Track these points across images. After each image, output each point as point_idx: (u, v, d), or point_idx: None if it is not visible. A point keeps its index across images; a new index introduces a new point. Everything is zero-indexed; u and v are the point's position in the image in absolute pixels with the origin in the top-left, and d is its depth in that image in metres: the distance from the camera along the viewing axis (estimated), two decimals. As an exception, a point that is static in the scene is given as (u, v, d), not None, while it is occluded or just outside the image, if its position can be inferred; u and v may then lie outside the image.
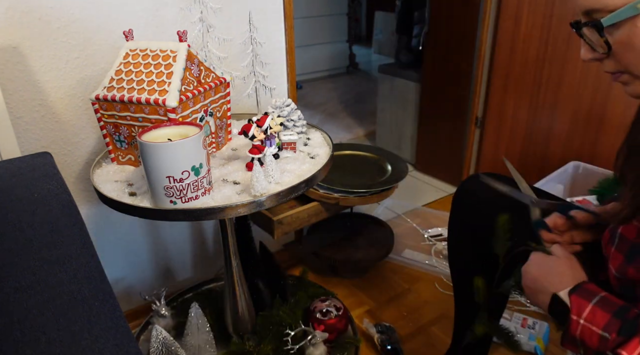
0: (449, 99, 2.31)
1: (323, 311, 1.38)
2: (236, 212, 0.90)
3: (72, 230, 0.69)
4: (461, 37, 2.16)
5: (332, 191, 1.51)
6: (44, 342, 0.52)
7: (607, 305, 0.66)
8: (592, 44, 0.66)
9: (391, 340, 1.42)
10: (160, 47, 1.03)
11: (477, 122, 2.22)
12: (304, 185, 0.99)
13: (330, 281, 1.75)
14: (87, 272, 0.62)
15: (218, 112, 1.14)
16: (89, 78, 1.24)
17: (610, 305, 0.66)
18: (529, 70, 2.08)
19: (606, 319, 0.65)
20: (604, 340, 0.64)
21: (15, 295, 0.58)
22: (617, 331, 0.63)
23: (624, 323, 0.63)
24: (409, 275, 1.78)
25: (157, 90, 0.98)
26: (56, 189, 0.77)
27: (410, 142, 2.67)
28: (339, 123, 3.40)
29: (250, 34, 1.23)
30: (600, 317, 0.65)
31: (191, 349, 1.28)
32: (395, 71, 2.67)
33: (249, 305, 1.30)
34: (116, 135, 1.08)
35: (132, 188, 0.99)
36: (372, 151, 1.79)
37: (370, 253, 1.76)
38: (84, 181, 1.33)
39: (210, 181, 0.94)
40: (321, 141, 1.21)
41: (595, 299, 0.67)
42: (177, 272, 1.64)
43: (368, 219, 1.96)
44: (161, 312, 1.37)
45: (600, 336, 0.64)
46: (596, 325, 0.65)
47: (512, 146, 2.26)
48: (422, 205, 2.27)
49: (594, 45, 0.66)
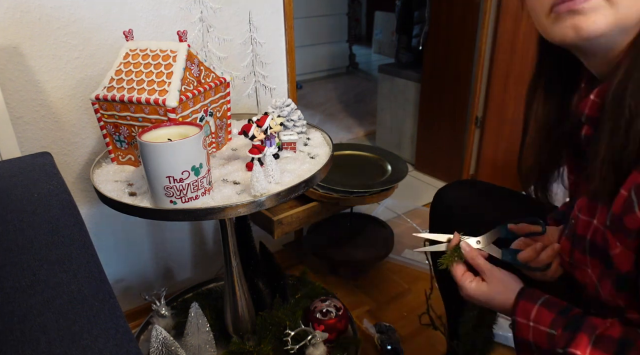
0: (449, 99, 2.31)
1: (323, 311, 1.38)
2: (236, 212, 0.90)
3: (72, 230, 0.69)
4: (461, 37, 2.16)
5: (332, 191, 1.51)
6: (44, 342, 0.52)
7: (552, 305, 0.69)
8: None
9: (391, 340, 1.42)
10: (160, 47, 1.03)
11: (477, 122, 2.22)
12: (304, 185, 0.99)
13: (330, 281, 1.75)
14: (87, 272, 0.62)
15: (218, 112, 1.14)
16: (89, 78, 1.24)
17: (554, 306, 0.68)
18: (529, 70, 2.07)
19: (551, 317, 0.67)
20: (551, 337, 0.66)
21: (15, 295, 0.58)
22: (563, 327, 0.65)
23: (568, 320, 0.65)
24: (409, 275, 1.78)
25: (157, 90, 0.98)
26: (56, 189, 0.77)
27: (410, 142, 2.67)
28: (339, 123, 3.40)
29: (250, 34, 1.23)
30: (546, 315, 0.68)
31: (191, 349, 1.28)
32: (395, 71, 2.67)
33: (249, 305, 1.30)
34: (116, 135, 1.08)
35: (132, 188, 0.99)
36: (372, 151, 1.79)
37: (370, 253, 1.76)
38: (84, 181, 1.33)
39: (210, 181, 0.94)
40: (321, 141, 1.21)
41: (540, 301, 0.70)
42: (177, 272, 1.64)
43: (368, 219, 1.96)
44: (161, 312, 1.37)
45: (548, 334, 0.66)
46: (543, 324, 0.67)
47: (512, 146, 2.26)
48: (422, 205, 2.27)
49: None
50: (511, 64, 2.06)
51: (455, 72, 2.23)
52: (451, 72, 2.26)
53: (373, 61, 4.97)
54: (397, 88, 2.65)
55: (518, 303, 0.72)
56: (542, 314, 0.68)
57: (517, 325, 0.71)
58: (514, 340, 0.73)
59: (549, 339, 0.66)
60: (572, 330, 0.63)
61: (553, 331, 0.66)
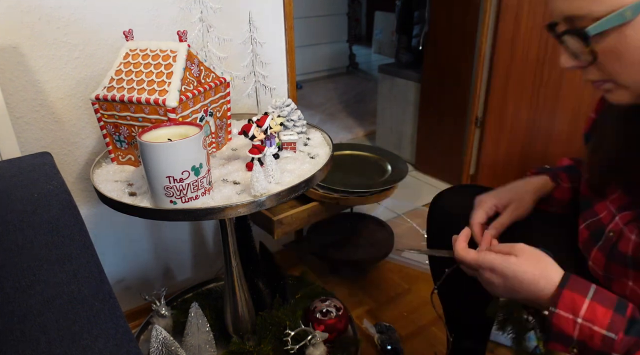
0: (449, 99, 2.31)
1: (323, 311, 1.38)
2: (236, 212, 0.90)
3: (72, 230, 0.69)
4: (461, 37, 2.16)
5: (332, 191, 1.51)
6: (44, 342, 0.52)
7: (605, 299, 0.62)
8: (574, 52, 0.62)
9: (391, 340, 1.42)
10: (160, 47, 1.03)
11: (477, 122, 2.22)
12: (304, 185, 0.99)
13: (330, 281, 1.75)
14: (87, 272, 0.62)
15: (218, 112, 1.14)
16: (89, 78, 1.24)
17: (607, 300, 0.62)
18: (529, 70, 2.08)
19: (609, 316, 0.60)
20: (608, 341, 0.60)
21: (15, 295, 0.58)
22: (624, 331, 0.59)
23: (629, 322, 0.60)
24: (409, 275, 1.78)
25: (157, 90, 0.98)
26: (56, 189, 0.77)
27: (410, 142, 2.67)
28: (339, 123, 3.40)
29: (250, 34, 1.23)
30: (601, 314, 0.61)
31: (191, 349, 1.28)
32: (395, 71, 2.67)
33: (249, 305, 1.30)
34: (116, 135, 1.08)
35: (132, 188, 0.99)
36: (372, 151, 1.79)
37: (370, 253, 1.76)
38: (84, 181, 1.33)
39: (210, 181, 0.94)
40: (321, 141, 1.21)
41: (591, 293, 0.63)
42: (177, 272, 1.64)
43: (368, 219, 1.96)
44: (161, 312, 1.37)
45: (604, 336, 0.60)
46: (599, 325, 0.61)
47: (512, 146, 2.26)
48: (422, 205, 2.27)
49: (577, 53, 0.62)
50: (511, 64, 2.06)
51: (455, 72, 2.23)
52: (451, 72, 2.26)
53: (373, 61, 4.97)
54: (397, 88, 2.65)
55: (562, 293, 0.63)
56: (597, 312, 0.61)
57: (558, 318, 0.63)
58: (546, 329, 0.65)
59: (605, 342, 0.60)
60: (637, 334, 0.58)
61: (612, 335, 0.59)
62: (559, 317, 0.63)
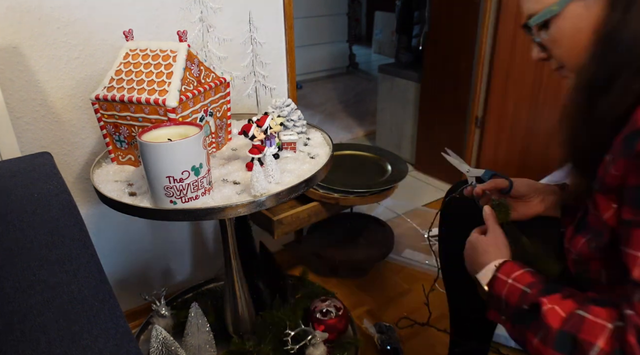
0: (449, 99, 2.31)
1: (323, 311, 1.38)
2: (236, 212, 0.90)
3: (72, 230, 0.69)
4: (461, 37, 2.16)
5: (332, 191, 1.51)
6: (44, 342, 0.52)
7: (540, 277, 0.69)
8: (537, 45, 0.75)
9: (391, 340, 1.42)
10: (160, 47, 1.03)
11: (477, 122, 2.22)
12: (304, 185, 0.99)
13: (330, 281, 1.75)
14: (87, 272, 0.62)
15: (218, 112, 1.14)
16: (89, 78, 1.24)
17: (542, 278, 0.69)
18: (529, 70, 2.08)
19: (532, 280, 0.68)
20: (523, 294, 0.66)
21: (15, 295, 0.58)
22: (539, 289, 0.65)
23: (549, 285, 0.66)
24: (409, 275, 1.78)
25: (157, 90, 0.98)
26: (56, 189, 0.77)
27: (410, 142, 2.67)
28: (339, 123, 3.40)
29: (250, 34, 1.23)
30: (528, 278, 0.69)
31: (191, 349, 1.28)
32: (395, 71, 2.67)
33: (249, 305, 1.30)
34: (116, 135, 1.08)
35: (132, 188, 0.99)
36: (372, 151, 1.79)
37: (370, 253, 1.77)
38: (84, 181, 1.33)
39: (210, 181, 0.94)
40: (321, 141, 1.21)
41: (528, 269, 0.71)
42: (177, 272, 1.64)
43: (368, 219, 1.96)
44: (161, 312, 1.37)
45: (522, 291, 0.67)
46: (521, 283, 0.68)
47: (512, 146, 2.26)
48: (422, 205, 2.27)
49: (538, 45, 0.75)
50: (511, 64, 2.06)
51: (455, 72, 2.23)
52: (451, 72, 2.26)
53: (373, 61, 4.97)
54: (397, 88, 2.65)
55: (506, 263, 0.74)
56: (525, 277, 0.69)
57: (495, 281, 0.72)
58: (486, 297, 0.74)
59: (521, 296, 0.67)
60: (547, 292, 0.64)
61: (527, 289, 0.66)
62: (497, 280, 0.72)
